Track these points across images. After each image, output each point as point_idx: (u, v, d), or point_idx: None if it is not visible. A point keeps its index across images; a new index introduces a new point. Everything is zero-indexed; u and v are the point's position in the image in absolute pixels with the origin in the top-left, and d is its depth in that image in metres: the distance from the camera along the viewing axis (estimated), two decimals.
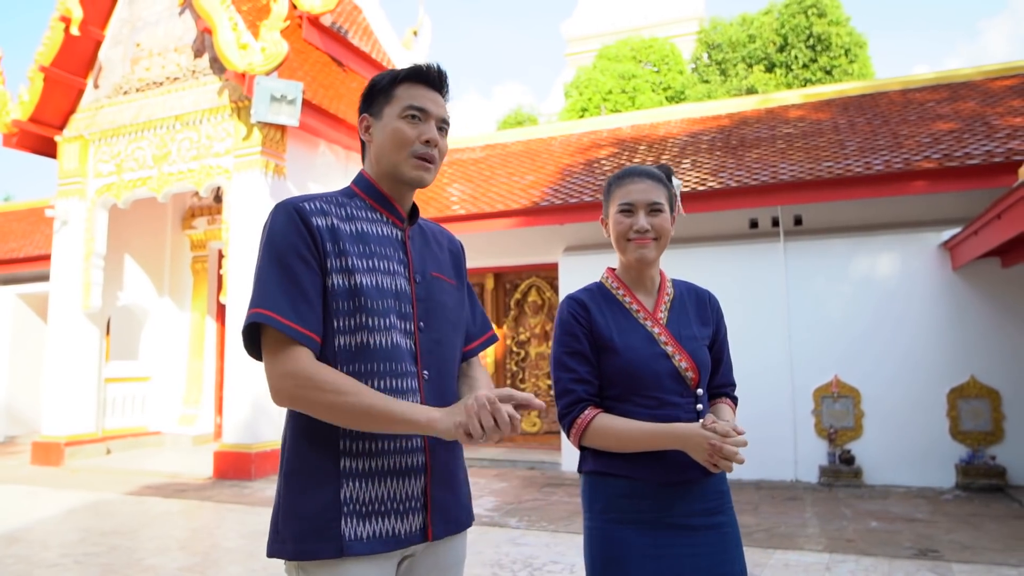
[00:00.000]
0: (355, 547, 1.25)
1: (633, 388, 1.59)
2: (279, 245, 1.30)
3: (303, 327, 1.26)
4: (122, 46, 9.26)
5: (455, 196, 8.75)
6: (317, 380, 1.24)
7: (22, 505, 6.34)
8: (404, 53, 12.91)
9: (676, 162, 7.99)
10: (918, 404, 6.49)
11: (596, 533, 1.59)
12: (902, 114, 7.96)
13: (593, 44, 27.07)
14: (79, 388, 8.96)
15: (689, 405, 1.61)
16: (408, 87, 1.42)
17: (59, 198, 9.26)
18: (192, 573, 4.20)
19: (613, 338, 1.62)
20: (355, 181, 1.48)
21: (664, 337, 1.63)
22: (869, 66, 17.10)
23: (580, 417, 1.59)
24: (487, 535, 5.00)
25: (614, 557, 1.54)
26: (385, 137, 1.41)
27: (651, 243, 1.66)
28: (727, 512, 1.62)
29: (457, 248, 1.61)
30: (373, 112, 1.44)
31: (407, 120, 1.40)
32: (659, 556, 1.53)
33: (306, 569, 1.27)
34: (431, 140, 1.42)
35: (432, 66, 1.45)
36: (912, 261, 6.67)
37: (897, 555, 4.32)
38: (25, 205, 14.46)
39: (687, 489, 1.57)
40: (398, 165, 1.41)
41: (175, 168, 8.52)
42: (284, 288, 1.26)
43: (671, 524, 1.55)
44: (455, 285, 1.52)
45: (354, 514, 1.26)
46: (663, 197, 1.68)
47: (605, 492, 1.60)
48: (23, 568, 4.33)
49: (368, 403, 1.23)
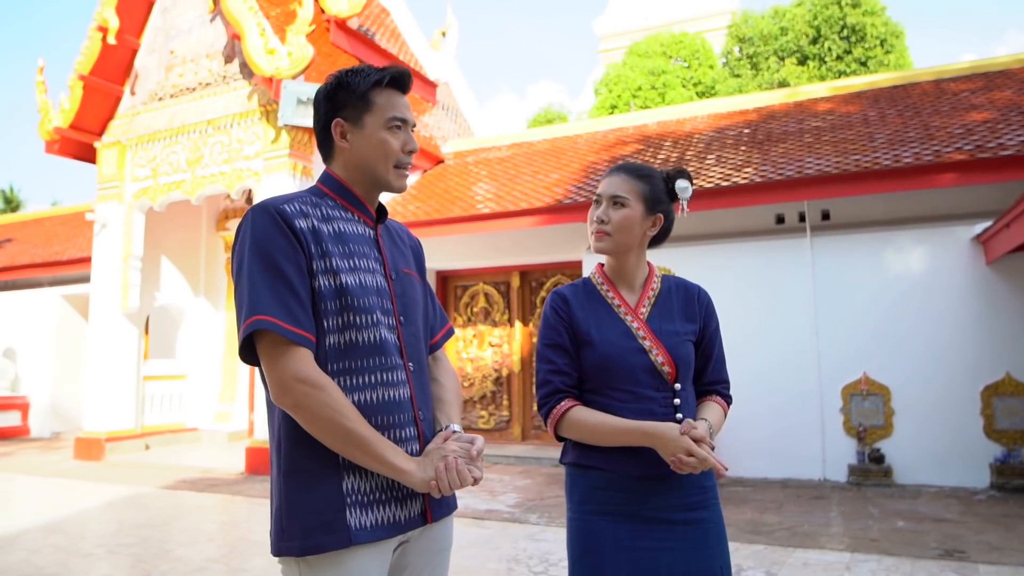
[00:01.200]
0: (361, 536, 1.29)
1: (608, 381, 1.61)
2: (266, 248, 1.31)
3: (302, 329, 1.28)
4: (157, 54, 9.53)
5: (480, 195, 8.80)
6: (329, 392, 1.27)
7: (63, 498, 6.59)
8: (432, 54, 13.03)
9: (701, 158, 7.92)
10: (951, 402, 6.33)
11: (574, 524, 1.62)
12: (935, 105, 7.76)
13: (625, 41, 26.86)
14: (119, 386, 9.26)
15: (666, 400, 1.61)
16: (387, 94, 1.45)
17: (99, 202, 9.58)
18: (218, 564, 4.32)
19: (591, 331, 1.64)
20: (323, 181, 1.49)
21: (642, 332, 1.64)
22: (906, 56, 16.64)
23: (556, 408, 1.62)
24: (507, 531, 5.04)
25: (590, 548, 1.57)
26: (370, 147, 1.43)
27: (606, 236, 1.67)
28: (709, 508, 1.62)
29: (416, 244, 1.66)
30: (348, 118, 1.44)
31: (391, 131, 1.44)
32: (634, 548, 1.54)
33: (311, 563, 1.29)
34: (413, 149, 1.47)
35: (404, 71, 1.48)
36: (943, 255, 6.51)
37: (922, 555, 4.23)
38: (70, 209, 14.99)
39: (664, 484, 1.58)
40: (383, 175, 1.45)
41: (207, 171, 8.75)
42: (278, 292, 1.28)
43: (648, 517, 1.57)
44: (420, 281, 1.58)
45: (357, 504, 1.30)
46: (633, 193, 1.68)
47: (583, 484, 1.62)
48: (60, 557, 4.51)
49: (362, 434, 1.27)
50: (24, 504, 6.34)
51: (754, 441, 6.88)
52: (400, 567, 1.41)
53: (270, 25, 8.21)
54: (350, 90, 1.45)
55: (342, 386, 1.33)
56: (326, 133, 1.47)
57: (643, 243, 1.73)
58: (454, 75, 13.76)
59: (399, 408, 1.38)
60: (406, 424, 1.39)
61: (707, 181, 7.06)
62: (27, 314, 12.32)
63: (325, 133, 1.47)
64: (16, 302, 12.47)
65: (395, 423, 1.37)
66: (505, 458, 8.09)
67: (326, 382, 1.28)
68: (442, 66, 13.29)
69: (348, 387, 1.34)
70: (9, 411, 11.84)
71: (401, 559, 1.41)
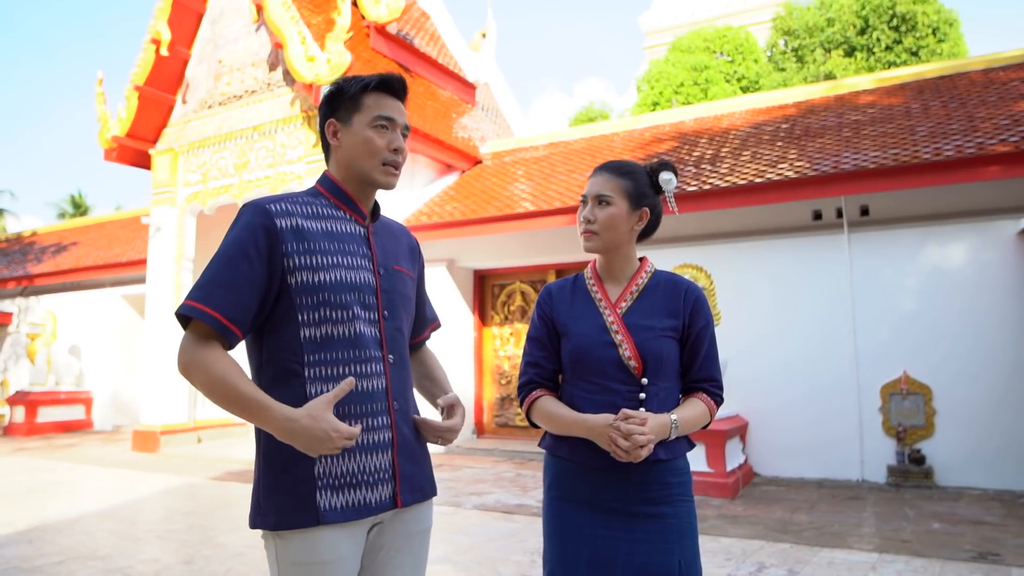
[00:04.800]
0: (330, 516, 1.38)
1: (579, 373, 1.68)
2: (238, 239, 1.42)
3: (226, 319, 1.36)
4: (206, 63, 9.94)
5: (517, 195, 8.90)
6: (216, 362, 1.35)
7: (119, 486, 6.97)
8: (472, 56, 13.19)
9: (736, 154, 7.84)
10: (995, 402, 6.14)
11: (545, 507, 1.71)
12: (981, 95, 7.51)
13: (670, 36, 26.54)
14: (173, 382, 9.69)
15: (631, 393, 1.64)
16: (376, 96, 1.54)
17: (153, 206, 10.05)
18: (256, 551, 4.54)
19: (568, 324, 1.72)
20: (320, 182, 1.61)
21: (616, 326, 1.68)
22: (961, 44, 15.98)
23: (528, 397, 1.72)
24: (533, 525, 5.13)
25: (557, 530, 1.66)
26: (356, 145, 1.53)
27: (593, 236, 1.72)
28: (674, 503, 1.64)
29: (414, 243, 1.75)
30: (340, 118, 1.55)
31: (376, 130, 1.53)
32: (594, 535, 1.61)
33: (284, 537, 1.39)
34: (399, 149, 1.55)
35: (395, 76, 1.58)
36: (986, 251, 6.31)
37: (953, 557, 4.15)
38: (130, 213, 15.72)
39: (622, 476, 1.61)
40: (369, 172, 1.54)
41: (253, 175, 9.10)
42: (219, 281, 1.38)
43: (609, 508, 1.62)
44: (412, 278, 1.67)
45: (328, 487, 1.39)
46: (616, 191, 1.72)
47: (552, 470, 1.71)
48: (113, 540, 4.80)
49: (246, 393, 1.34)
50: (84, 492, 6.73)
51: (789, 441, 6.81)
52: (376, 547, 1.50)
53: (311, 33, 8.49)
54: (343, 93, 1.55)
55: (318, 376, 1.43)
56: (324, 134, 1.59)
57: (631, 239, 1.75)
58: (494, 76, 13.90)
59: (372, 398, 1.47)
60: (379, 413, 1.47)
61: (741, 178, 7.00)
62: (90, 313, 12.99)
63: (323, 134, 1.59)
64: (81, 302, 13.16)
65: (367, 412, 1.46)
66: (540, 454, 8.15)
67: (217, 355, 1.36)
68: (482, 68, 13.45)
69: (323, 377, 1.43)
70: (74, 405, 12.52)
71: (377, 539, 1.50)
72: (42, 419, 11.99)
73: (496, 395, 9.71)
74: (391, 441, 1.48)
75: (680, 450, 1.68)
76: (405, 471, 1.50)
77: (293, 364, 1.43)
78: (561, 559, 1.63)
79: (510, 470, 7.51)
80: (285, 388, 1.42)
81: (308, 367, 1.43)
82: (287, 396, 1.40)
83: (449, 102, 11.37)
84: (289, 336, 1.43)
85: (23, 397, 12.02)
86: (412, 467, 1.52)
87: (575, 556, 1.61)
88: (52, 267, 13.48)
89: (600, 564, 1.59)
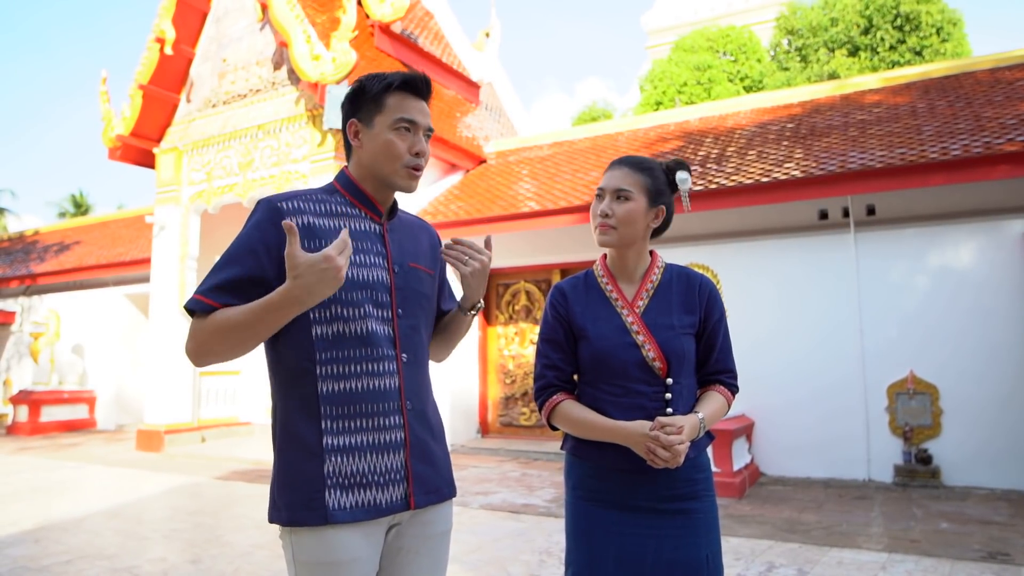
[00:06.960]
0: (338, 515, 1.37)
1: (602, 375, 1.66)
2: (244, 237, 1.43)
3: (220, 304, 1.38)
4: (210, 62, 9.93)
5: (521, 194, 8.90)
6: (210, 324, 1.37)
7: (125, 485, 6.97)
8: (475, 55, 13.18)
9: (742, 153, 7.83)
10: (1002, 401, 6.13)
11: (569, 507, 1.69)
12: (988, 95, 7.49)
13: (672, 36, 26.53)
14: (177, 381, 9.70)
15: (657, 394, 1.63)
16: (398, 97, 1.51)
17: (157, 205, 10.05)
18: (263, 550, 4.53)
19: (587, 327, 1.69)
20: (337, 179, 1.58)
21: (636, 327, 1.66)
22: (965, 44, 15.95)
23: (548, 401, 1.69)
24: (541, 524, 5.12)
25: (583, 529, 1.64)
26: (377, 147, 1.51)
27: (611, 230, 1.70)
28: (700, 499, 1.64)
29: (436, 240, 1.71)
30: (362, 119, 1.52)
31: (398, 132, 1.50)
32: (623, 533, 1.60)
33: (298, 534, 1.39)
34: (420, 152, 1.53)
35: (419, 76, 1.55)
36: (993, 251, 6.30)
37: (962, 557, 4.14)
38: (133, 213, 15.72)
39: (651, 476, 1.61)
40: (391, 175, 1.52)
41: (258, 174, 9.09)
42: (227, 275, 1.39)
43: (636, 507, 1.61)
44: (431, 275, 1.64)
45: (337, 486, 1.38)
46: (636, 186, 1.71)
47: (577, 471, 1.69)
48: (119, 540, 4.80)
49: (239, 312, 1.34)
50: (89, 491, 6.73)
51: (796, 441, 6.80)
52: (394, 549, 1.49)
53: (316, 32, 8.48)
54: (366, 93, 1.52)
55: (329, 374, 1.42)
56: (345, 133, 1.58)
57: (646, 235, 1.74)
58: (498, 75, 13.89)
59: (384, 397, 1.45)
60: (390, 413, 1.45)
61: (747, 177, 6.99)
62: (94, 313, 13.00)
63: (345, 133, 1.58)
64: (84, 301, 13.16)
65: (378, 411, 1.44)
66: (545, 454, 8.17)
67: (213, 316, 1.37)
68: (486, 67, 13.44)
69: (335, 375, 1.42)
70: (78, 404, 12.53)
71: (395, 541, 1.48)
72: (46, 418, 12.00)
73: (501, 394, 9.70)
74: (403, 441, 1.46)
75: (704, 444, 1.68)
76: (419, 472, 1.47)
77: (305, 362, 1.42)
78: (588, 558, 1.62)
79: (515, 469, 7.51)
80: (298, 385, 1.42)
81: (320, 365, 1.42)
82: (299, 394, 1.42)
83: (453, 101, 11.36)
84: (301, 334, 1.43)
85: (26, 396, 12.02)
86: (426, 468, 1.50)
87: (602, 555, 1.60)
88: (55, 266, 13.49)
89: (629, 562, 1.58)
